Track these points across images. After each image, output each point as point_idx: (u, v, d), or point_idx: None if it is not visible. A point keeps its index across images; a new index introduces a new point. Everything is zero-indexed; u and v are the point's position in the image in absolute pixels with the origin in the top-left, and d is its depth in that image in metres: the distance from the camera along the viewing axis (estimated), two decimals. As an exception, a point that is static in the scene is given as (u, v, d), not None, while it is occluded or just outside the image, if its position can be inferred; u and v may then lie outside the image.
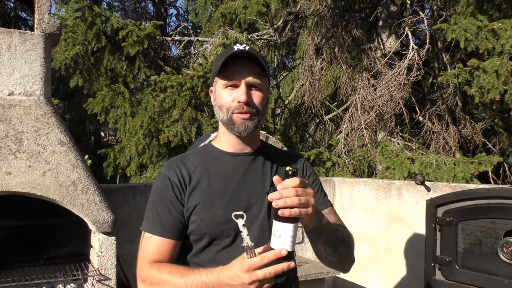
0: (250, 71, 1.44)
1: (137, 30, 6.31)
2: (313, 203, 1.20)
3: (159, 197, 1.50)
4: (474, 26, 5.37)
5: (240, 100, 1.42)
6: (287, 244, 1.17)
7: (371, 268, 4.14)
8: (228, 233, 1.43)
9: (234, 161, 1.51)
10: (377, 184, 4.12)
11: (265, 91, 1.50)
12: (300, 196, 1.16)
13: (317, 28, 7.34)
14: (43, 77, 2.87)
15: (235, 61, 1.44)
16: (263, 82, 1.48)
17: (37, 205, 2.76)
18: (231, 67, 1.44)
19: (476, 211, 2.85)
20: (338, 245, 1.45)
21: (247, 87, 1.44)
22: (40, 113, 2.79)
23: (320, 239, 1.37)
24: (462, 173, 5.10)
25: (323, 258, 1.47)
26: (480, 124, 7.07)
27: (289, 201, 1.15)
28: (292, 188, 1.16)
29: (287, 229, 1.17)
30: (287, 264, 1.17)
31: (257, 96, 1.46)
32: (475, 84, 5.41)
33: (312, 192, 1.21)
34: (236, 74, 1.44)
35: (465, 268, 2.87)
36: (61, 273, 2.71)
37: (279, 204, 1.15)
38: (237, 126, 1.44)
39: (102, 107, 6.09)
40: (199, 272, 1.29)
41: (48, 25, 2.88)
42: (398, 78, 6.46)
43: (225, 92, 1.46)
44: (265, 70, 1.47)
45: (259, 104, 1.46)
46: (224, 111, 1.46)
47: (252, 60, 1.45)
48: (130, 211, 3.45)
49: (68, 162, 2.70)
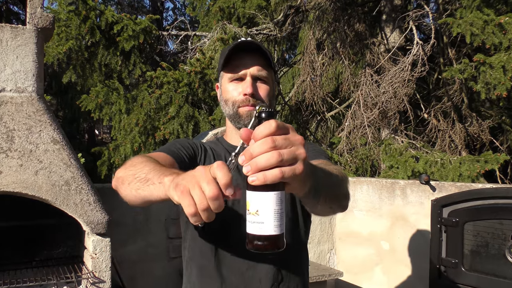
0: (256, 64, 1.45)
1: (133, 24, 6.30)
2: (304, 156, 0.83)
3: (173, 142, 1.49)
4: (480, 20, 5.37)
5: (246, 93, 1.43)
6: (268, 224, 0.83)
7: (374, 270, 4.14)
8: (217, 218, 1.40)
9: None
10: (380, 184, 4.12)
11: (271, 84, 1.51)
12: (281, 147, 0.80)
13: (318, 22, 7.33)
14: (35, 73, 2.86)
15: (240, 54, 1.45)
16: (269, 75, 1.48)
17: (29, 205, 2.76)
18: (236, 60, 1.45)
19: (482, 211, 2.85)
20: (338, 193, 1.22)
21: (252, 80, 1.45)
22: (32, 110, 2.78)
23: (319, 200, 1.07)
24: (468, 172, 5.10)
25: (322, 212, 1.25)
26: (487, 122, 7.05)
27: (263, 159, 0.79)
28: (267, 138, 0.80)
29: (266, 201, 0.83)
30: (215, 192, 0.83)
31: (263, 88, 1.47)
32: (481, 80, 5.41)
33: (300, 138, 0.84)
34: (241, 66, 1.45)
35: (472, 271, 2.88)
36: (54, 276, 2.71)
37: (249, 169, 0.81)
38: (243, 119, 1.45)
39: (96, 104, 6.09)
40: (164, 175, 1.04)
41: (40, 19, 2.87)
42: (402, 74, 6.45)
43: (231, 86, 1.47)
44: (271, 62, 1.48)
45: (265, 97, 1.46)
46: (230, 105, 1.47)
47: (257, 53, 1.46)
48: (125, 211, 3.45)
49: (61, 161, 2.70)
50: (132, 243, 3.52)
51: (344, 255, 4.43)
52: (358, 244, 4.29)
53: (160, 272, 3.61)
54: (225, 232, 1.43)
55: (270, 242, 0.85)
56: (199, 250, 1.46)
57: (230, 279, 1.41)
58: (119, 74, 6.78)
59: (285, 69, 9.66)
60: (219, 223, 1.44)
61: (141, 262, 3.54)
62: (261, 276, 1.41)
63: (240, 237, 1.43)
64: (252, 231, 0.85)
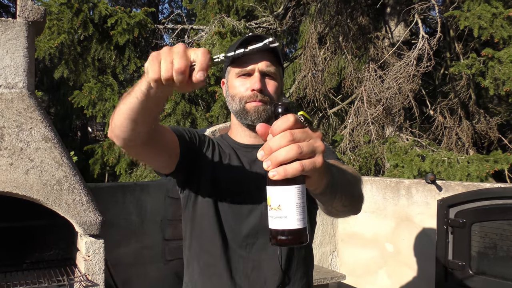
0: (264, 59, 1.46)
1: (127, 18, 6.30)
2: (322, 149, 0.86)
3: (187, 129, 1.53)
4: (488, 13, 5.36)
5: (254, 88, 1.44)
6: (291, 218, 0.85)
7: (378, 273, 4.14)
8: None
9: (243, 152, 1.54)
10: (384, 183, 4.12)
11: (280, 80, 1.52)
12: (299, 140, 0.83)
13: (320, 15, 7.32)
14: (26, 68, 2.85)
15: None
16: (277, 71, 1.50)
17: (20, 205, 2.75)
18: (244, 55, 1.46)
19: (491, 212, 2.85)
20: (353, 191, 1.23)
21: (261, 75, 1.46)
22: (23, 107, 2.78)
23: (335, 196, 1.09)
24: (476, 172, 5.10)
25: (337, 213, 1.26)
26: (496, 119, 7.05)
27: (283, 153, 0.81)
28: (285, 132, 0.82)
29: (287, 195, 0.85)
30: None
31: (272, 84, 1.48)
32: (489, 76, 5.41)
33: (319, 133, 0.87)
34: (249, 61, 1.46)
35: (479, 273, 2.88)
36: (45, 279, 2.71)
37: (269, 164, 0.82)
38: (250, 115, 1.46)
39: (89, 100, 6.09)
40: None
41: (31, 12, 2.87)
42: (407, 69, 6.44)
43: (238, 81, 1.49)
44: (279, 58, 1.50)
45: (274, 93, 1.48)
46: (237, 101, 1.48)
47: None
48: (119, 212, 3.45)
49: (53, 159, 2.69)
50: (127, 245, 3.52)
51: (347, 257, 4.43)
52: (361, 246, 4.29)
53: (155, 275, 3.61)
54: (228, 231, 1.45)
55: (294, 236, 0.87)
56: (203, 249, 1.48)
57: (234, 280, 1.43)
58: (113, 69, 6.78)
59: (285, 64, 9.65)
60: (223, 221, 1.46)
61: (136, 264, 3.54)
62: (266, 278, 1.43)
63: (244, 237, 1.44)
64: (275, 226, 0.87)
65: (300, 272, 1.50)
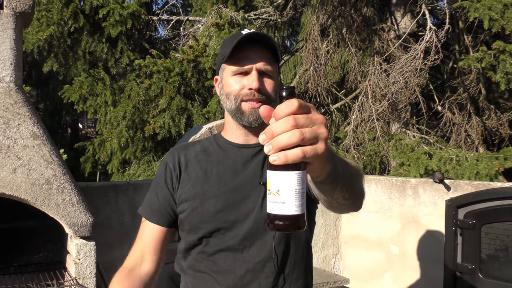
0: (261, 57, 1.48)
1: (120, 9, 6.29)
2: (325, 136, 0.87)
3: (155, 181, 1.62)
4: (499, 4, 5.36)
5: (252, 87, 1.45)
6: (290, 204, 0.87)
7: (383, 276, 4.15)
8: (221, 225, 1.47)
9: (237, 152, 1.55)
10: (390, 183, 4.13)
11: (276, 78, 1.53)
12: (302, 126, 0.83)
13: (322, 6, 7.32)
14: (13, 61, 2.85)
15: (244, 45, 1.46)
16: (274, 69, 1.51)
17: (7, 206, 2.75)
18: (240, 53, 1.47)
19: (502, 212, 2.85)
20: (355, 184, 1.25)
21: (258, 74, 1.47)
22: (10, 102, 2.77)
23: (336, 187, 1.11)
24: (486, 170, 5.10)
25: (338, 206, 1.27)
26: (507, 115, 7.06)
27: (285, 138, 0.82)
28: (288, 116, 0.83)
29: (287, 180, 0.87)
30: None
31: (269, 83, 1.49)
32: (500, 70, 5.41)
33: (322, 118, 0.88)
34: (246, 60, 1.47)
35: (489, 277, 2.88)
36: (33, 283, 2.70)
37: (270, 148, 0.84)
38: (247, 116, 1.48)
39: (80, 95, 6.08)
40: None
41: (19, 2, 2.86)
42: (414, 62, 6.44)
43: (234, 79, 1.50)
44: (277, 56, 1.51)
45: (271, 92, 1.49)
46: (232, 99, 1.49)
47: (263, 45, 1.48)
48: (111, 212, 3.44)
49: (42, 157, 2.69)
50: (119, 248, 3.51)
51: (350, 260, 4.44)
52: (365, 249, 4.30)
53: (150, 279, 3.60)
54: (221, 236, 1.47)
55: (291, 221, 0.89)
56: (196, 258, 1.51)
57: (227, 284, 1.45)
58: (104, 63, 6.77)
59: (286, 57, 9.65)
60: (216, 227, 1.48)
61: (129, 268, 3.53)
62: (260, 280, 1.45)
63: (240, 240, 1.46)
64: (273, 210, 0.90)
65: (296, 273, 1.51)
